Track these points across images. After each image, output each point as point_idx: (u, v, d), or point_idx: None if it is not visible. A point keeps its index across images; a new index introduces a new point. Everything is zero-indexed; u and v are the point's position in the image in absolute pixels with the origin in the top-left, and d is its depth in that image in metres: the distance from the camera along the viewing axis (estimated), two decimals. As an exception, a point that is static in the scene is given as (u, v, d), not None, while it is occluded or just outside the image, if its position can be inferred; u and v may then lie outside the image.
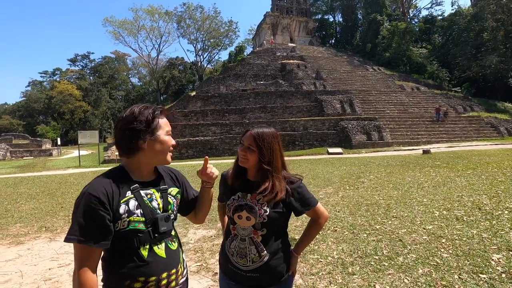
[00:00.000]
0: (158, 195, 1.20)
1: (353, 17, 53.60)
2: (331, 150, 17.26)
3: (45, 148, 33.45)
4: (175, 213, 1.27)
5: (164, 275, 1.15)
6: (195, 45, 59.84)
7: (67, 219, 5.37)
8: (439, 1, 49.88)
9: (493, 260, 2.90)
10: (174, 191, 1.29)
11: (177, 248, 1.25)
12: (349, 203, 5.44)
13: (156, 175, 1.26)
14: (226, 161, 14.34)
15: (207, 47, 60.55)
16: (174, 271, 1.19)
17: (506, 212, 4.35)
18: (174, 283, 1.19)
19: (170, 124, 1.22)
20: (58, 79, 62.83)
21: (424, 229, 3.89)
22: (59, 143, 33.71)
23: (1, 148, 28.66)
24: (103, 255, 1.13)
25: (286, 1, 48.20)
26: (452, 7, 46.47)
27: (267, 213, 1.30)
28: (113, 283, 1.12)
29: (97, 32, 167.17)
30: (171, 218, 1.22)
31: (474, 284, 2.51)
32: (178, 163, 15.33)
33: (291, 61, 32.89)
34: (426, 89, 29.84)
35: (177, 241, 1.28)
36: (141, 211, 1.12)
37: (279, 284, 1.36)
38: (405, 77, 34.28)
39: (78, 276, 1.02)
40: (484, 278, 2.59)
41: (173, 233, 1.26)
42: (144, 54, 59.73)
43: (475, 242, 3.36)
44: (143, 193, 1.15)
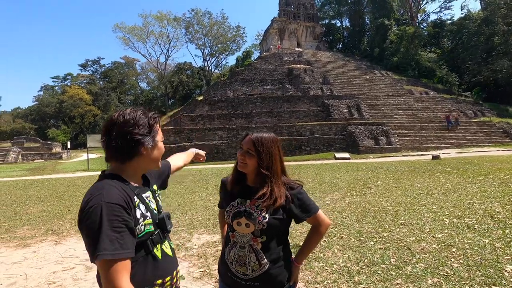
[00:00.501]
0: (151, 196, 1.21)
1: (361, 22, 53.54)
2: (338, 155, 17.10)
3: (55, 151, 34.19)
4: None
5: (174, 273, 1.18)
6: (202, 50, 60.71)
7: (74, 222, 5.41)
8: (448, 5, 49.51)
9: (506, 271, 2.77)
10: (155, 187, 1.30)
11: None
12: (356, 210, 5.33)
13: (143, 177, 1.25)
14: (232, 166, 14.20)
15: (214, 52, 61.27)
16: (178, 268, 1.23)
17: (520, 220, 4.19)
18: (177, 280, 1.23)
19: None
20: (69, 84, 64.57)
21: (433, 237, 3.77)
22: (69, 146, 34.41)
23: (14, 151, 29.38)
24: None
25: (293, 6, 48.47)
26: (461, 11, 45.86)
27: (267, 220, 1.26)
28: None
29: (107, 38, 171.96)
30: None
31: (486, 296, 2.41)
32: (184, 166, 15.37)
33: (298, 66, 32.93)
34: (435, 94, 29.45)
35: None
36: (150, 214, 1.13)
37: None
38: (414, 81, 33.96)
39: None
40: (497, 290, 2.48)
41: None
42: (152, 59, 60.90)
43: (487, 251, 3.24)
44: (144, 196, 1.15)
